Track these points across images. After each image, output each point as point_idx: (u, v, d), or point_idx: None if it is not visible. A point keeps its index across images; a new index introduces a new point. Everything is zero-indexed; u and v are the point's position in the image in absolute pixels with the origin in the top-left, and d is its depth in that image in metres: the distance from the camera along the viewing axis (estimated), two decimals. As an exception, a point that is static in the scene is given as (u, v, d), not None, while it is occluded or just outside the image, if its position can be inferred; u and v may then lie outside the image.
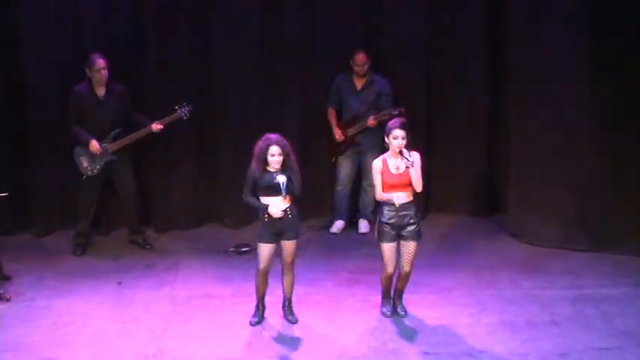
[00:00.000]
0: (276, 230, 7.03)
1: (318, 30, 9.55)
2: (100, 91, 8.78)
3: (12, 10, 9.10)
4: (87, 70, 8.71)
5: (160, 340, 6.95)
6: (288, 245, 7.09)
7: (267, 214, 6.98)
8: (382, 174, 7.08)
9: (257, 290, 7.21)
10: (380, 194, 7.11)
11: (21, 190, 9.21)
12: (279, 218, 6.97)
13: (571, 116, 8.71)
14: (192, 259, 8.79)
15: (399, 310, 7.33)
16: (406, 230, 7.09)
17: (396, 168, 7.05)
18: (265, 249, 7.05)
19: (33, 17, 9.09)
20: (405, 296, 7.39)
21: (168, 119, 8.91)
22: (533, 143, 8.91)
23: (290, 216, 7.03)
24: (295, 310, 7.31)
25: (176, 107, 8.94)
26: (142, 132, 8.85)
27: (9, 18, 9.11)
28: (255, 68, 9.47)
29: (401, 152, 6.95)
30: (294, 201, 7.09)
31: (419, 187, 7.04)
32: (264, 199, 7.01)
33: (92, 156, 8.77)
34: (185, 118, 8.97)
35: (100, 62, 8.64)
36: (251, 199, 7.07)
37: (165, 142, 9.35)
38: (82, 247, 8.96)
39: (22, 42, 9.14)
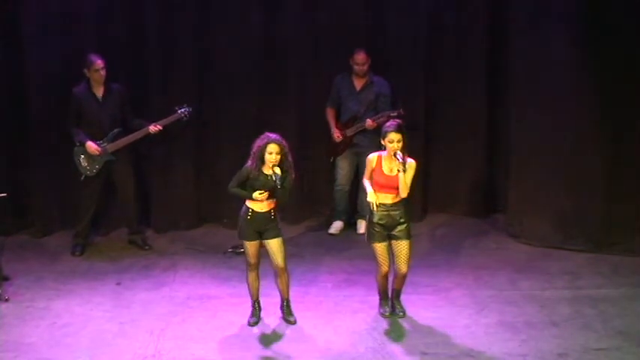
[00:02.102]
0: (257, 229, 7.06)
1: (318, 30, 9.55)
2: (99, 92, 8.80)
3: (12, 10, 9.11)
4: (85, 71, 8.72)
5: (158, 341, 6.95)
6: (273, 244, 7.08)
7: (251, 211, 7.01)
8: (374, 171, 7.09)
9: (250, 289, 7.23)
10: (368, 188, 7.11)
11: (20, 190, 9.23)
12: (261, 218, 7.02)
13: (570, 116, 8.71)
14: (191, 259, 8.80)
15: (397, 310, 7.33)
16: (397, 230, 7.11)
17: (390, 169, 7.05)
18: (251, 246, 7.09)
19: (33, 17, 9.10)
20: (403, 297, 7.39)
21: (167, 120, 8.94)
22: (532, 143, 8.91)
23: (272, 217, 7.07)
24: (294, 310, 7.31)
25: (176, 108, 8.97)
26: (141, 132, 8.87)
27: (9, 18, 9.12)
28: (255, 68, 9.48)
29: (395, 154, 6.95)
30: (283, 203, 7.14)
31: (404, 194, 7.04)
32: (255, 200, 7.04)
33: (91, 156, 8.78)
34: (185, 119, 8.99)
35: (99, 63, 8.66)
36: (236, 190, 7.10)
37: (164, 142, 9.37)
38: (80, 247, 8.97)
39: (23, 42, 9.15)
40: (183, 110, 8.96)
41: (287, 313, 7.27)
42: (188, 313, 7.47)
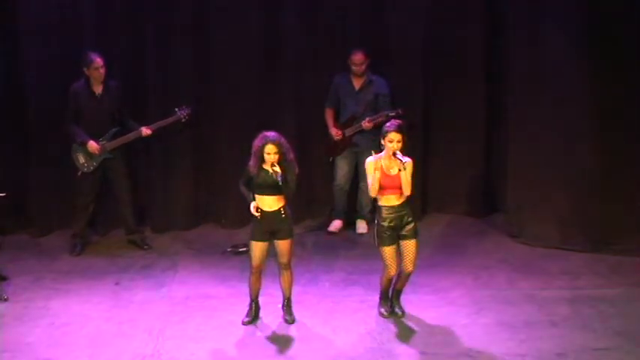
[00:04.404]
0: (269, 229, 7.05)
1: (318, 30, 9.55)
2: (98, 89, 8.81)
3: (12, 9, 9.10)
4: (84, 69, 8.72)
5: (157, 341, 6.94)
6: (282, 245, 7.10)
7: (260, 212, 7.00)
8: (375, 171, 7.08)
9: (250, 289, 7.23)
10: (374, 191, 7.11)
11: (19, 190, 9.23)
12: (272, 218, 7.00)
13: (570, 116, 8.70)
14: (190, 259, 8.80)
15: (396, 310, 7.33)
16: (405, 229, 7.11)
17: (389, 170, 7.05)
18: (257, 247, 7.07)
19: (33, 17, 9.10)
20: (402, 297, 7.38)
21: (166, 121, 8.95)
22: (531, 143, 8.91)
23: (283, 216, 7.05)
24: (293, 310, 7.31)
25: (176, 109, 8.98)
26: (135, 134, 8.89)
27: (9, 18, 9.12)
28: (255, 68, 9.48)
29: (394, 154, 6.95)
30: (289, 201, 7.09)
31: (407, 191, 7.05)
32: (259, 198, 7.03)
33: (89, 153, 8.79)
34: (184, 120, 9.00)
35: (98, 61, 8.67)
36: (243, 189, 7.12)
37: (164, 142, 9.39)
38: (80, 246, 8.97)
39: (22, 42, 9.16)
40: (182, 112, 8.96)
41: (287, 312, 7.28)
42: (187, 313, 7.47)
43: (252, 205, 7.01)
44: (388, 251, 7.12)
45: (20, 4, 9.11)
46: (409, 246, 7.12)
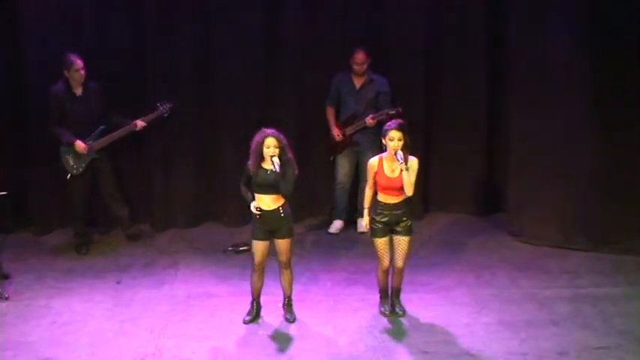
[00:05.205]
0: (269, 228, 7.07)
1: (318, 30, 9.56)
2: (78, 91, 8.83)
3: (12, 9, 9.11)
4: (64, 71, 8.73)
5: (158, 339, 6.95)
6: (281, 244, 7.12)
7: (260, 211, 7.01)
8: (376, 174, 7.10)
9: (252, 287, 7.24)
10: (366, 202, 7.20)
11: (20, 188, 9.23)
12: (271, 217, 7.02)
13: (571, 116, 8.71)
14: (192, 258, 8.80)
15: (397, 309, 7.33)
16: (399, 226, 7.13)
17: (391, 171, 7.06)
18: (258, 246, 7.10)
19: (33, 18, 9.10)
20: (403, 295, 7.39)
21: (150, 116, 8.98)
22: (532, 143, 8.91)
23: (282, 215, 7.06)
24: (294, 308, 7.32)
25: (158, 104, 9.00)
26: (125, 129, 8.89)
27: (9, 18, 9.12)
28: (255, 68, 9.48)
29: (395, 154, 6.95)
30: (287, 199, 7.10)
31: (409, 192, 7.05)
32: (258, 197, 7.05)
33: (77, 154, 8.80)
34: (166, 114, 9.00)
35: (79, 62, 8.70)
36: (243, 189, 7.15)
37: (164, 141, 9.39)
38: (85, 246, 9.01)
39: (23, 42, 9.15)
40: (164, 107, 8.98)
41: (287, 311, 7.29)
42: (188, 312, 7.48)
43: (253, 204, 7.03)
44: (380, 243, 7.16)
45: (20, 4, 9.12)
46: (400, 242, 7.15)
